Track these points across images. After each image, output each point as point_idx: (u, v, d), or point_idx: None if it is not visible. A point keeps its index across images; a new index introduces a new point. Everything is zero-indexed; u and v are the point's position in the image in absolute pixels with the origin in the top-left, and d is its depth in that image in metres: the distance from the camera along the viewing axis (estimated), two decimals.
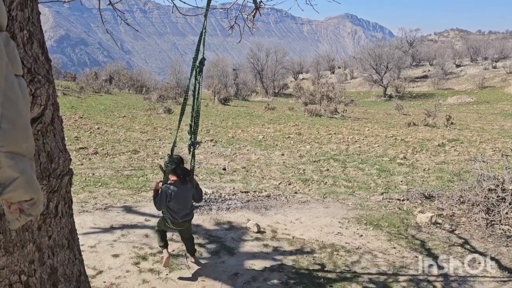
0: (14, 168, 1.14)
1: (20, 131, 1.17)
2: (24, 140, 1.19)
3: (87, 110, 18.23)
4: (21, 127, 1.17)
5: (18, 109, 1.16)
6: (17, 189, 1.16)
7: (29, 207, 1.25)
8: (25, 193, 1.20)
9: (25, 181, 1.18)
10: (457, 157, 11.60)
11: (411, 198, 7.47)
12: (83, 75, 37.74)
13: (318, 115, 22.32)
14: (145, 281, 4.18)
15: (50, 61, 1.99)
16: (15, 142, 1.15)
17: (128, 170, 8.96)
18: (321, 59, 61.72)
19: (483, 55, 52.20)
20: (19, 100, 1.18)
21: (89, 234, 5.21)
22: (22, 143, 1.19)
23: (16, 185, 1.15)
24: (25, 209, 1.26)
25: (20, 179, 1.16)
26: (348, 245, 5.38)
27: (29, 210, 1.26)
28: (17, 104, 1.17)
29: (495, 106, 30.21)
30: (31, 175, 1.21)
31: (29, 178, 1.19)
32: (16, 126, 1.15)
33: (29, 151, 1.22)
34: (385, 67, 42.35)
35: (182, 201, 4.04)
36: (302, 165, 10.39)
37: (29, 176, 1.19)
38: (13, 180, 1.15)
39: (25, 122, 1.20)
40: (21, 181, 1.17)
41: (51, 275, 1.91)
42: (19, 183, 1.16)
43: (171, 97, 26.07)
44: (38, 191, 1.24)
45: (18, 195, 1.18)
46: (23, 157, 1.20)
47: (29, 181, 1.19)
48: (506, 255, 5.14)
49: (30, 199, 1.23)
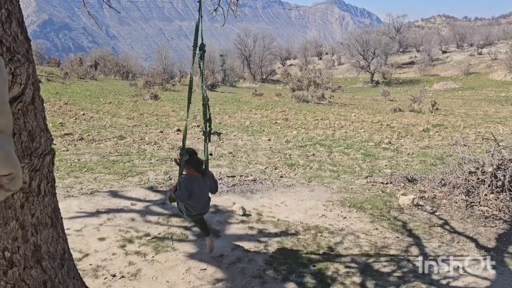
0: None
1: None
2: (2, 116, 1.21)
3: (72, 96, 17.99)
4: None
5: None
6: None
7: (8, 181, 1.27)
8: (4, 167, 1.22)
9: (3, 156, 1.20)
10: (441, 141, 11.81)
11: (395, 181, 7.62)
12: (68, 60, 37.06)
13: (305, 101, 22.39)
14: (131, 263, 4.22)
15: (30, 40, 1.98)
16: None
17: (114, 155, 8.93)
18: (309, 45, 61.56)
19: (469, 42, 52.64)
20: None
21: (75, 218, 5.23)
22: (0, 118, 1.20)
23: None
24: (4, 184, 1.28)
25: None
26: (332, 226, 5.49)
27: (8, 185, 1.28)
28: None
29: (479, 92, 30.62)
30: (9, 150, 1.23)
31: (7, 153, 1.21)
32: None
33: (6, 127, 1.24)
34: (372, 53, 42.49)
35: (198, 195, 3.97)
36: (288, 150, 10.48)
37: (7, 151, 1.21)
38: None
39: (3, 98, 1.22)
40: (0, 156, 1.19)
41: (34, 252, 1.94)
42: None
43: (158, 83, 25.83)
44: (16, 166, 1.26)
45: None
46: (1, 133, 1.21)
47: (7, 156, 1.21)
48: (484, 234, 5.31)
49: (9, 174, 1.25)
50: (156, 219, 5.38)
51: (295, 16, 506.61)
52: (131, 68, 36.39)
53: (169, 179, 7.26)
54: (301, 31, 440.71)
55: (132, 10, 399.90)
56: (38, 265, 1.97)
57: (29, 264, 1.91)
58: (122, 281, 3.91)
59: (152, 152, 9.49)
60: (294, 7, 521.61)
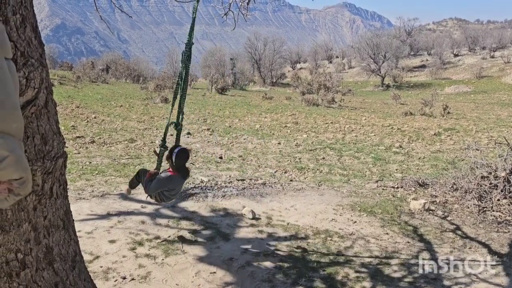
0: (3, 147, 1.18)
1: (9, 111, 1.21)
2: (13, 121, 1.23)
3: (84, 99, 18.19)
4: (10, 108, 1.21)
5: (6, 90, 1.20)
6: (7, 168, 1.20)
7: (18, 186, 1.29)
8: (15, 171, 1.23)
9: (15, 160, 1.22)
10: (453, 146, 11.68)
11: (405, 185, 7.55)
12: (80, 64, 37.48)
13: (316, 105, 22.33)
14: (141, 266, 4.25)
15: (43, 45, 2.02)
16: (4, 122, 1.19)
17: (125, 158, 9.00)
18: (319, 48, 61.48)
19: (481, 45, 52.08)
20: (8, 82, 1.22)
21: (86, 220, 5.27)
22: (11, 123, 1.22)
23: (6, 163, 1.19)
24: (14, 188, 1.29)
25: (10, 158, 1.20)
26: (342, 231, 5.46)
27: (18, 189, 1.30)
28: (6, 85, 1.20)
29: (492, 95, 30.26)
30: (20, 155, 1.25)
31: (18, 157, 1.23)
32: (5, 106, 1.19)
33: (18, 132, 1.26)
34: (383, 57, 42.27)
35: (175, 194, 4.09)
36: (298, 153, 10.46)
37: (18, 155, 1.23)
38: (3, 159, 1.18)
39: (14, 103, 1.24)
40: (10, 160, 1.20)
41: (46, 254, 1.97)
42: (9, 161, 1.20)
43: (168, 86, 25.97)
44: (27, 170, 1.28)
45: (7, 173, 1.22)
46: (12, 137, 1.23)
47: (18, 160, 1.23)
48: (496, 240, 5.24)
49: (20, 178, 1.27)
50: (166, 222, 5.40)
51: (305, 20, 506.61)
52: (142, 72, 36.66)
53: None
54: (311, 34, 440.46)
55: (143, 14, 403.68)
56: (50, 267, 2.00)
57: (41, 266, 1.94)
58: (132, 283, 3.93)
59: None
60: (304, 11, 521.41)
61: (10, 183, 1.27)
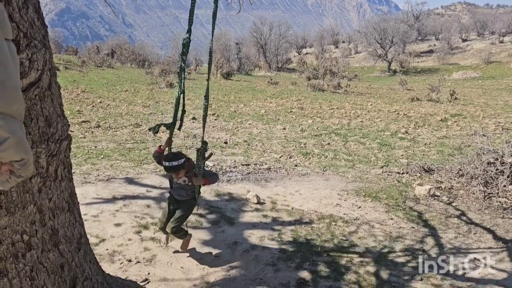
0: (4, 128, 1.17)
1: (10, 92, 1.19)
2: (14, 102, 1.22)
3: (89, 84, 18.18)
4: (11, 89, 1.20)
5: (7, 70, 1.18)
6: (8, 149, 1.19)
7: (20, 167, 1.28)
8: (16, 153, 1.23)
9: (16, 142, 1.21)
10: (459, 132, 11.59)
11: (411, 171, 7.53)
12: (85, 49, 37.36)
13: (321, 90, 22.19)
14: (146, 249, 4.29)
15: (46, 26, 1.99)
16: (5, 103, 1.18)
17: (130, 143, 9.02)
18: (325, 33, 60.83)
19: (490, 29, 51.26)
20: (8, 62, 1.20)
21: (92, 204, 5.31)
22: (13, 104, 1.21)
23: (7, 145, 1.18)
24: (16, 170, 1.29)
25: (11, 139, 1.19)
26: (346, 216, 5.47)
27: (19, 170, 1.29)
28: (6, 66, 1.19)
29: (500, 81, 29.87)
30: (21, 136, 1.24)
31: (19, 139, 1.22)
32: (6, 87, 1.18)
33: (19, 113, 1.25)
34: (390, 42, 41.77)
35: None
36: (303, 139, 10.43)
37: (19, 137, 1.22)
38: (4, 140, 1.17)
39: (15, 84, 1.22)
40: (11, 142, 1.19)
41: (52, 236, 1.98)
42: (10, 143, 1.19)
43: (173, 71, 25.87)
44: (28, 152, 1.28)
45: (8, 155, 1.21)
46: (13, 119, 1.22)
47: (19, 142, 1.22)
48: (501, 226, 5.22)
49: (21, 160, 1.26)
50: None
51: (311, 4, 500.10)
52: (147, 57, 36.53)
53: None
54: (317, 19, 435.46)
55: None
56: (55, 248, 2.01)
57: (46, 248, 1.95)
58: (138, 266, 3.97)
59: None
60: None
61: (12, 164, 1.27)
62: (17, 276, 1.81)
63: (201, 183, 3.89)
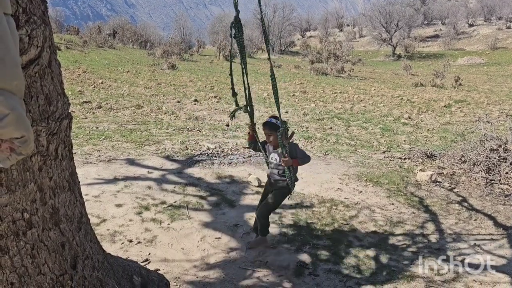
0: (4, 104, 1.14)
1: (9, 68, 1.17)
2: (14, 78, 1.19)
3: (91, 64, 18.06)
4: (10, 64, 1.17)
5: (6, 45, 1.15)
6: (8, 126, 1.17)
7: (20, 144, 1.26)
8: (16, 130, 1.20)
9: (16, 118, 1.18)
10: (463, 118, 11.52)
11: (413, 157, 7.51)
12: (86, 29, 36.98)
13: (324, 74, 22.02)
14: (147, 230, 4.31)
15: (46, 2, 1.94)
16: (5, 79, 1.15)
17: (132, 124, 9.00)
18: (330, 16, 59.95)
19: (498, 15, 50.42)
20: (7, 37, 1.17)
21: (93, 184, 5.32)
22: (12, 80, 1.18)
23: (7, 121, 1.16)
24: (16, 147, 1.27)
25: (11, 116, 1.17)
26: (347, 200, 5.47)
27: (20, 148, 1.27)
28: (6, 41, 1.16)
29: (506, 68, 29.55)
30: (21, 113, 1.21)
31: (19, 115, 1.20)
32: (5, 62, 1.15)
33: (18, 89, 1.22)
34: (395, 26, 41.20)
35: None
36: (305, 123, 10.39)
37: (19, 113, 1.20)
38: (4, 116, 1.15)
39: (14, 59, 1.19)
40: (11, 118, 1.17)
41: (52, 214, 1.97)
42: (10, 120, 1.17)
43: (176, 52, 25.66)
44: (28, 129, 1.25)
45: (8, 132, 1.19)
46: (13, 95, 1.20)
47: (19, 118, 1.20)
48: (502, 212, 5.22)
49: (21, 137, 1.24)
50: (172, 188, 5.44)
51: None
52: (149, 37, 36.15)
53: (186, 148, 7.30)
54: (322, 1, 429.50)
55: None
56: (56, 227, 2.01)
57: (47, 226, 1.95)
58: (139, 246, 4.00)
59: (169, 122, 9.53)
60: None
61: (12, 142, 1.25)
62: (18, 254, 1.81)
63: (290, 163, 3.76)
